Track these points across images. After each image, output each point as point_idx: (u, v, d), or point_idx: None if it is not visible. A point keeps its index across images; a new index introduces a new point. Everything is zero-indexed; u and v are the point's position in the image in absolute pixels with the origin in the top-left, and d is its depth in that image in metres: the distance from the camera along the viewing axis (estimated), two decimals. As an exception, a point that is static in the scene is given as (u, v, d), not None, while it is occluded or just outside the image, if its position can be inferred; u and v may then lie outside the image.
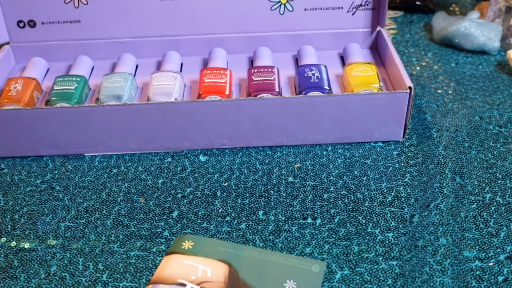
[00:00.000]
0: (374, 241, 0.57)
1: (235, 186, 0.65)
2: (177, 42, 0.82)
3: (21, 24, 0.81)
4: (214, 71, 0.73)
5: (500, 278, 0.53)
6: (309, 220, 0.60)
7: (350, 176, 0.66)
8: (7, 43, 0.82)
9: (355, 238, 0.58)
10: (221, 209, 0.62)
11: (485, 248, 0.56)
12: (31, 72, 0.77)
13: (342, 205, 0.62)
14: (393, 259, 0.55)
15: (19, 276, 0.55)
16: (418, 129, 0.73)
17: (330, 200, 0.63)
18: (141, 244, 0.58)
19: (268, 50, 0.81)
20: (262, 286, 0.52)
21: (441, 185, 0.64)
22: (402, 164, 0.67)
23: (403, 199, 0.62)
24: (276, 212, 0.61)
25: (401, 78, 0.69)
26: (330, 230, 0.59)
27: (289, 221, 0.60)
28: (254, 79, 0.72)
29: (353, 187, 0.64)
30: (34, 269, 0.55)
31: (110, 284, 0.54)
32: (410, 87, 0.66)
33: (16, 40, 0.82)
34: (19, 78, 0.74)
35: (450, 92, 0.81)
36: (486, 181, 0.65)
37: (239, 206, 0.62)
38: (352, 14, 0.81)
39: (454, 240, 0.57)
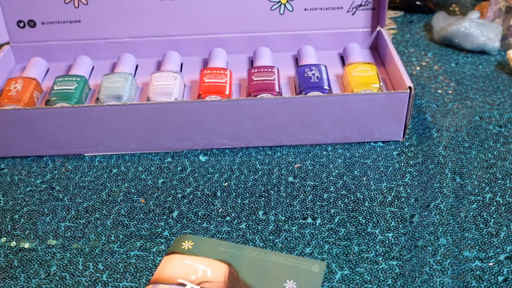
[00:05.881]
0: (374, 241, 0.57)
1: (235, 186, 0.65)
2: (177, 42, 0.82)
3: (21, 24, 0.81)
4: (214, 71, 0.73)
5: (500, 278, 0.53)
6: (309, 220, 0.60)
7: (350, 176, 0.66)
8: (7, 43, 0.82)
9: (355, 238, 0.58)
10: (221, 209, 0.62)
11: (485, 248, 0.56)
12: (31, 72, 0.77)
13: (342, 205, 0.62)
14: (393, 259, 0.55)
15: (19, 276, 0.55)
16: (418, 129, 0.73)
17: (330, 200, 0.63)
18: (141, 244, 0.58)
19: (268, 50, 0.81)
20: (262, 286, 0.52)
21: (441, 185, 0.64)
22: (402, 164, 0.67)
23: (403, 199, 0.62)
24: (276, 212, 0.61)
25: (401, 78, 0.69)
26: (330, 230, 0.59)
27: (289, 221, 0.60)
28: (254, 79, 0.72)
29: (353, 187, 0.64)
30: (34, 269, 0.55)
31: (110, 284, 0.54)
32: (410, 87, 0.66)
33: (16, 40, 0.82)
34: (19, 78, 0.74)
35: (450, 92, 0.81)
36: (486, 181, 0.65)
37: (239, 206, 0.62)
38: (352, 14, 0.81)
39: (454, 240, 0.57)
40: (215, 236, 0.59)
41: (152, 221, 0.61)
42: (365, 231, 0.59)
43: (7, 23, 0.81)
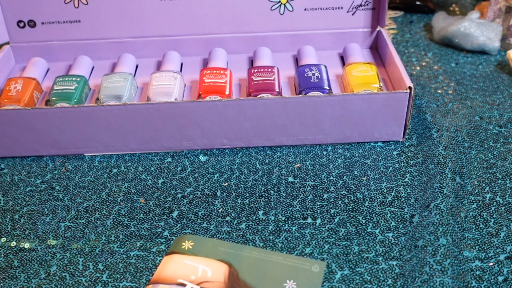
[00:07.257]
0: (374, 241, 0.57)
1: (235, 186, 0.65)
2: (177, 42, 0.82)
3: (21, 24, 0.81)
4: (214, 71, 0.73)
5: (500, 278, 0.53)
6: (309, 220, 0.60)
7: (350, 176, 0.66)
8: (7, 43, 0.82)
9: (355, 238, 0.58)
10: (221, 209, 0.62)
11: (485, 248, 0.56)
12: (31, 72, 0.77)
13: (342, 205, 0.62)
14: (393, 259, 0.55)
15: (19, 276, 0.55)
16: (418, 129, 0.73)
17: (330, 200, 0.63)
18: (141, 244, 0.58)
19: (268, 50, 0.81)
20: (262, 286, 0.52)
21: (441, 185, 0.64)
22: (402, 164, 0.67)
23: (403, 199, 0.62)
24: (276, 212, 0.61)
25: (401, 78, 0.69)
26: (330, 230, 0.59)
27: (289, 221, 0.60)
28: (254, 79, 0.72)
29: (353, 187, 0.64)
30: (34, 269, 0.55)
31: (110, 284, 0.54)
32: (410, 87, 0.66)
33: (16, 40, 0.82)
34: (19, 78, 0.74)
35: (450, 92, 0.81)
36: (486, 181, 0.65)
37: (239, 206, 0.62)
38: (352, 14, 0.81)
39: (454, 240, 0.57)
40: (215, 236, 0.59)
41: (152, 221, 0.61)
42: (365, 231, 0.59)
43: (7, 23, 0.81)
